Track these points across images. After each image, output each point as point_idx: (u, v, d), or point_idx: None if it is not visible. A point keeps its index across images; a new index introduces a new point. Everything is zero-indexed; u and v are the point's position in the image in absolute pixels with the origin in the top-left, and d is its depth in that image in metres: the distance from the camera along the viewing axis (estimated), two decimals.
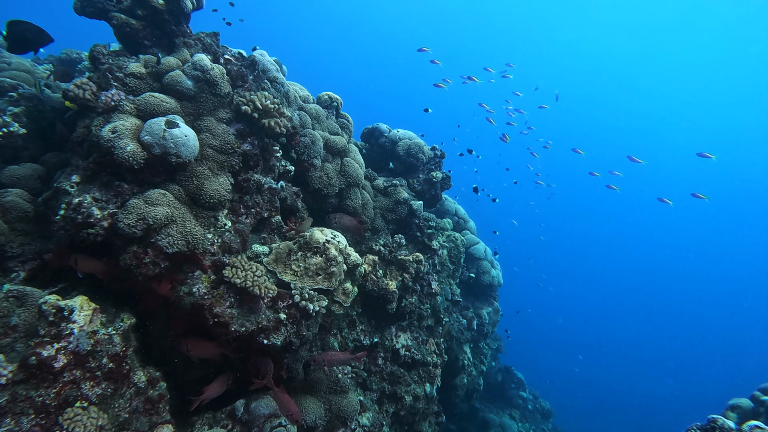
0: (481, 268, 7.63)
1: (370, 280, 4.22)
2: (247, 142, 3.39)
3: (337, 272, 3.58)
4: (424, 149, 5.21)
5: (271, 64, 4.00)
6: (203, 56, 3.14)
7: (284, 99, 4.04)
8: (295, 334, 3.29)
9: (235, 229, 3.32)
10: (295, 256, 3.52)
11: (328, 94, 4.66)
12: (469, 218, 8.22)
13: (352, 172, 4.40)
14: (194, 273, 2.98)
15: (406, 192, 4.96)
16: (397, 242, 4.51)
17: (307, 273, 3.49)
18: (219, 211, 3.22)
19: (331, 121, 4.57)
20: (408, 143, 5.17)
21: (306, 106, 4.40)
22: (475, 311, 7.77)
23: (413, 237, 4.92)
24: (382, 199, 4.79)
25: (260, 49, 4.03)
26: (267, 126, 3.36)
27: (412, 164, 5.16)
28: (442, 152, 5.41)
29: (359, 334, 4.37)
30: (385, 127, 5.46)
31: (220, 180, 3.16)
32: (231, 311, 3.00)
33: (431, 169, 5.30)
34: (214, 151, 3.18)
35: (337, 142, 4.37)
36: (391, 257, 4.44)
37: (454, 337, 6.07)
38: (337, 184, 4.33)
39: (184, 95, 3.12)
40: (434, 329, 5.28)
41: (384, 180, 4.93)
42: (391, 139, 5.31)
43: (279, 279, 3.45)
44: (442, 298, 5.30)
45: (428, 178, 5.19)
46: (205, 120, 3.19)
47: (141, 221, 2.61)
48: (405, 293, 4.54)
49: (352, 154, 4.57)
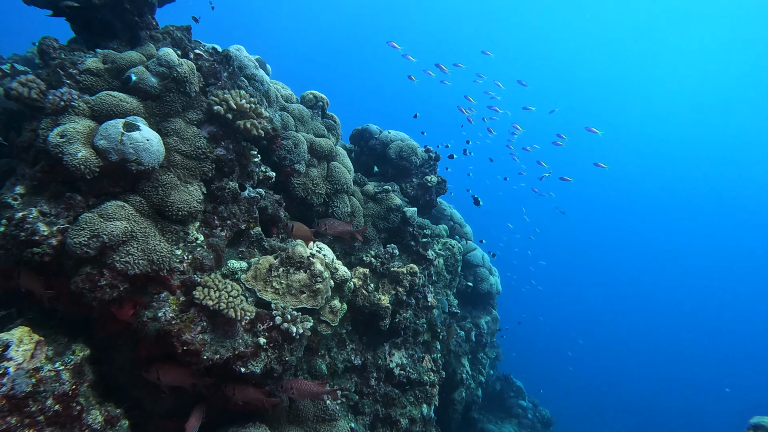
0: (478, 275, 7.38)
1: (360, 295, 3.94)
2: (220, 147, 3.11)
3: (324, 289, 3.30)
4: (418, 151, 4.95)
5: (249, 60, 3.71)
6: (169, 50, 2.85)
7: (264, 98, 3.75)
8: (277, 360, 3.01)
9: (208, 243, 3.03)
10: (276, 273, 3.23)
11: (313, 93, 4.39)
12: (465, 223, 7.98)
13: (340, 178, 4.13)
14: (160, 295, 2.69)
15: (399, 198, 4.69)
16: (389, 253, 4.24)
17: (290, 291, 3.21)
18: (189, 224, 2.93)
19: (316, 123, 4.29)
20: (400, 145, 4.90)
21: (289, 106, 4.12)
22: (473, 321, 7.51)
23: (407, 246, 4.65)
24: (372, 206, 4.51)
25: (237, 45, 3.75)
26: (243, 128, 3.08)
27: (405, 168, 4.90)
28: (436, 154, 5.15)
29: (350, 353, 4.09)
30: (376, 129, 5.19)
31: (190, 189, 2.87)
32: (203, 337, 2.70)
33: (425, 172, 5.04)
34: (183, 157, 2.89)
35: (323, 145, 4.09)
36: (383, 269, 4.16)
37: (452, 351, 5.80)
38: (323, 190, 4.05)
39: (148, 94, 2.83)
40: (431, 345, 5.01)
41: (375, 185, 4.66)
42: (381, 141, 5.04)
43: (258, 298, 3.16)
44: (438, 311, 5.04)
45: (422, 182, 4.92)
46: (172, 122, 2.90)
47: (94, 239, 2.31)
48: (399, 308, 4.26)
49: (339, 158, 4.29)
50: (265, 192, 3.78)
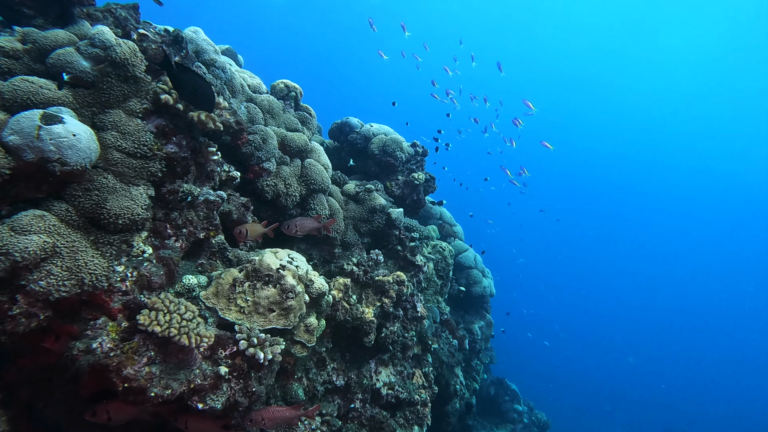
0: (471, 277, 7.05)
1: (341, 309, 3.56)
2: (172, 143, 2.70)
3: (296, 306, 2.92)
4: (403, 146, 4.58)
5: (208, 44, 3.30)
6: (104, 28, 2.44)
7: (225, 88, 3.35)
8: (242, 392, 2.62)
9: (157, 257, 2.62)
10: (241, 288, 2.84)
11: (285, 82, 3.99)
12: (455, 222, 7.64)
13: (316, 176, 3.74)
14: (96, 321, 2.28)
15: (383, 197, 4.32)
16: (373, 260, 3.87)
17: (257, 309, 2.82)
18: (134, 235, 2.52)
19: (288, 115, 3.89)
20: (383, 139, 4.53)
21: (257, 97, 3.72)
22: (466, 327, 7.19)
23: (393, 251, 4.28)
24: (354, 207, 4.13)
25: (194, 27, 3.33)
26: (197, 121, 2.68)
27: (389, 164, 4.53)
28: (424, 149, 4.79)
29: (331, 373, 3.71)
30: (357, 122, 4.80)
31: (133, 193, 2.46)
32: (149, 370, 2.30)
33: (412, 169, 4.67)
34: (125, 155, 2.48)
35: (296, 140, 3.70)
36: (366, 279, 3.79)
37: (445, 363, 5.46)
38: (297, 191, 3.66)
39: (79, 81, 2.41)
40: (421, 358, 4.66)
41: (356, 184, 4.28)
42: (363, 136, 4.66)
43: (221, 318, 2.77)
44: (429, 321, 4.69)
45: (409, 180, 4.55)
46: (110, 114, 2.49)
47: (3, 257, 1.90)
48: (385, 321, 3.90)
49: (315, 154, 3.90)
50: (230, 194, 3.38)
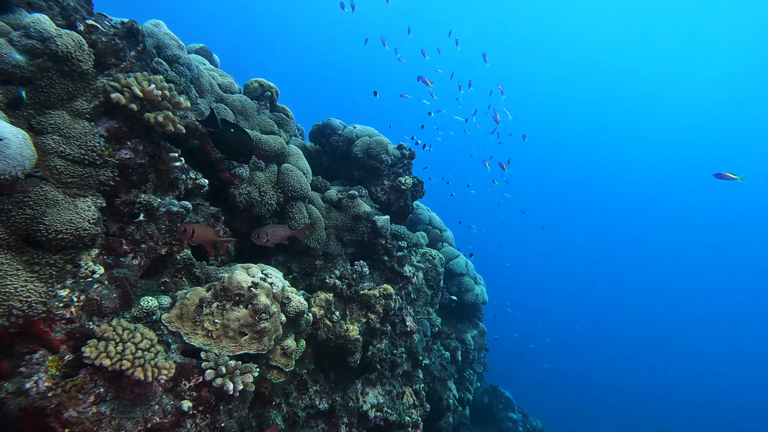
0: (462, 285, 6.81)
1: (322, 327, 3.29)
2: (126, 148, 2.41)
3: (271, 328, 2.64)
4: (389, 148, 4.32)
5: (171, 39, 3.02)
6: (42, 17, 2.15)
7: (192, 86, 3.07)
8: (210, 428, 2.34)
9: (111, 277, 2.33)
10: (208, 309, 2.56)
11: (259, 81, 3.72)
12: (445, 227, 7.41)
13: (294, 183, 3.47)
14: (33, 355, 1.98)
15: (368, 204, 4.06)
16: (357, 272, 3.60)
17: (227, 333, 2.53)
18: (81, 253, 2.22)
19: (263, 117, 3.62)
20: (367, 142, 4.27)
21: (228, 97, 3.44)
22: (459, 336, 6.94)
23: (380, 262, 4.02)
24: (336, 215, 3.87)
25: (155, 20, 3.05)
26: (154, 122, 2.39)
27: (374, 168, 4.27)
28: (411, 151, 4.54)
29: (313, 397, 3.43)
30: (338, 123, 4.54)
31: (79, 206, 2.17)
32: (97, 410, 2.01)
33: (398, 173, 4.42)
34: (69, 162, 2.19)
35: (271, 144, 3.43)
36: (350, 293, 3.52)
37: (437, 377, 5.20)
38: (273, 199, 3.39)
39: (12, 77, 2.11)
40: (412, 375, 4.39)
41: (338, 190, 4.01)
42: (346, 138, 4.40)
43: (186, 344, 2.48)
44: (419, 335, 4.43)
45: (395, 185, 4.30)
46: (52, 115, 2.20)
47: None
48: (372, 338, 3.63)
49: (293, 159, 3.63)
50: (197, 204, 3.10)
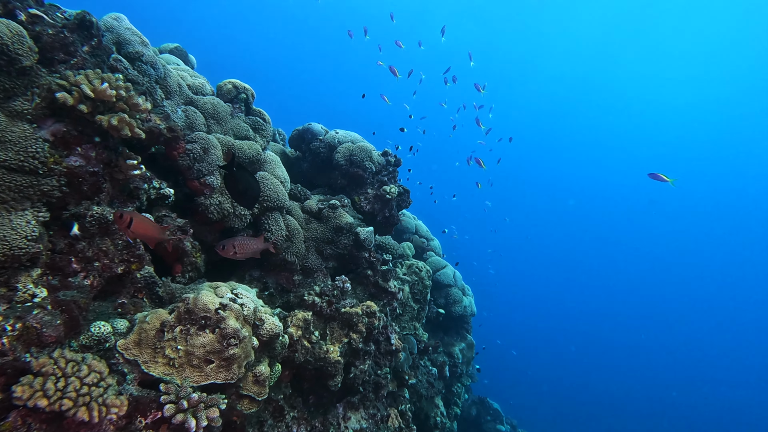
0: (450, 296, 6.61)
1: (300, 349, 3.04)
2: (75, 154, 2.16)
3: (241, 354, 2.39)
4: (373, 155, 4.11)
5: (133, 34, 2.77)
6: None
7: (157, 87, 2.82)
8: None
9: (55, 301, 2.06)
10: (171, 335, 2.30)
11: (233, 82, 3.48)
12: (432, 236, 7.21)
13: (270, 192, 3.23)
14: None
15: (351, 214, 3.84)
16: (339, 288, 3.37)
17: (191, 361, 2.28)
18: (18, 274, 1.96)
19: (237, 121, 3.38)
20: (350, 148, 4.05)
21: (198, 99, 3.20)
22: (446, 350, 6.73)
23: (363, 276, 3.79)
24: (316, 226, 3.63)
25: (116, 13, 2.80)
26: (107, 126, 2.14)
27: (357, 176, 4.05)
28: (396, 158, 4.33)
29: (291, 424, 3.17)
30: (320, 128, 4.31)
31: (15, 220, 1.91)
32: None
33: (383, 181, 4.21)
34: (4, 171, 1.92)
35: (245, 150, 3.19)
36: (331, 311, 3.29)
37: (423, 395, 4.98)
38: (247, 211, 3.14)
39: None
40: (397, 395, 4.17)
41: (319, 199, 3.78)
42: (327, 144, 4.17)
43: (144, 374, 2.22)
44: (406, 353, 4.20)
45: (380, 193, 4.08)
46: None
47: None
48: (354, 359, 3.40)
49: (269, 166, 3.40)
50: (163, 216, 2.84)
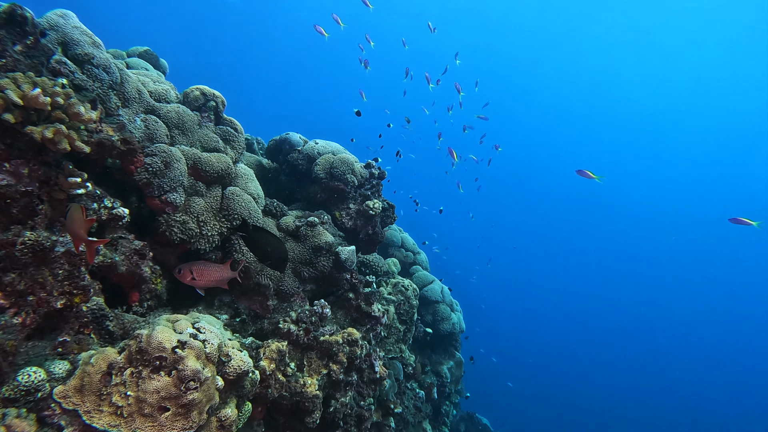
0: (438, 314, 6.36)
1: (274, 384, 2.75)
2: (3, 172, 1.86)
3: (202, 398, 2.10)
4: (355, 168, 3.85)
5: (82, 33, 2.48)
6: None
7: (109, 93, 2.53)
8: None
9: None
10: (119, 378, 2.00)
11: (201, 88, 3.20)
12: (419, 249, 6.96)
13: (241, 209, 2.95)
14: None
15: (331, 232, 3.57)
16: (317, 313, 3.09)
17: (142, 410, 1.98)
18: None
19: (205, 131, 3.10)
20: (330, 160, 3.79)
21: (161, 108, 2.91)
22: (434, 369, 6.47)
23: (344, 299, 3.52)
24: (293, 245, 3.35)
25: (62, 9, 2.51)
26: (41, 138, 1.85)
27: (339, 190, 3.78)
28: (381, 171, 4.08)
29: None
30: (298, 138, 4.04)
31: None
32: None
33: (366, 195, 3.95)
34: None
35: (213, 163, 2.91)
36: (308, 340, 3.00)
37: (410, 422, 4.70)
38: (215, 230, 2.86)
39: None
40: (382, 425, 3.88)
41: (296, 216, 3.51)
42: (306, 155, 3.90)
43: (85, 426, 1.92)
44: (391, 380, 3.93)
45: (362, 209, 3.82)
46: None
47: None
48: (334, 391, 3.11)
49: (240, 181, 3.12)
50: (118, 238, 2.54)
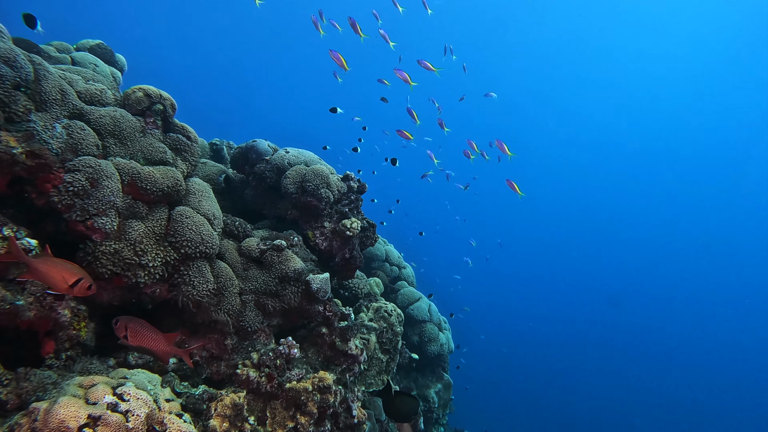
0: (425, 334, 5.94)
1: None
2: None
3: None
4: (331, 181, 3.40)
5: None
6: None
7: (15, 94, 2.05)
8: None
9: None
10: None
11: (145, 89, 2.73)
12: (405, 263, 6.53)
13: (192, 234, 2.49)
14: None
15: (302, 254, 3.12)
16: (283, 355, 2.64)
17: None
18: None
19: (150, 139, 2.63)
20: (302, 172, 3.33)
21: (92, 111, 2.44)
22: (420, 393, 6.05)
23: (317, 335, 3.07)
24: (257, 273, 2.90)
25: None
26: None
27: (311, 206, 3.33)
28: (360, 184, 3.64)
29: None
30: (266, 146, 3.57)
31: None
32: None
33: (343, 212, 3.50)
34: None
35: (156, 180, 2.45)
36: (272, 387, 2.55)
37: None
38: (158, 260, 2.39)
39: None
40: None
41: (262, 237, 3.05)
42: (275, 166, 3.43)
43: None
44: (371, 422, 3.49)
45: (339, 228, 3.38)
46: None
47: None
48: None
49: (193, 199, 2.66)
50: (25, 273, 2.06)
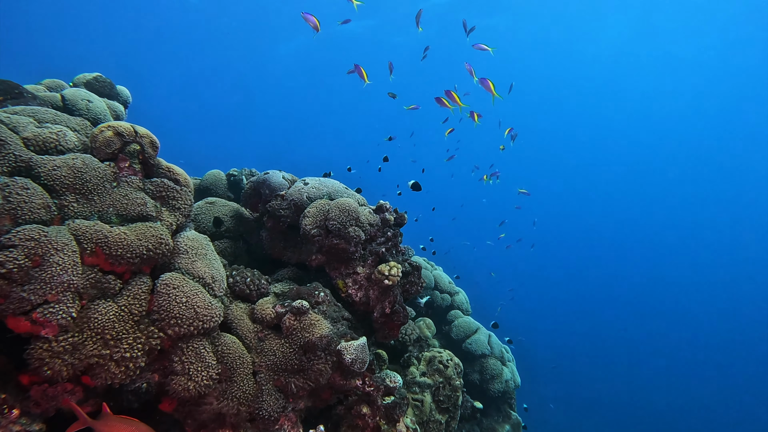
0: (486, 370, 5.18)
1: None
2: None
3: None
4: (361, 215, 2.76)
5: None
6: None
7: None
8: None
9: None
10: None
11: (117, 128, 2.18)
12: (457, 288, 5.80)
13: (182, 310, 1.92)
14: None
15: (330, 315, 2.49)
16: None
17: None
18: None
19: (124, 190, 2.09)
20: (324, 209, 2.72)
21: (43, 163, 1.93)
22: None
23: (356, 416, 2.44)
24: (274, 344, 2.30)
25: None
26: None
27: (339, 250, 2.71)
28: (398, 215, 2.99)
29: None
30: (280, 179, 2.98)
31: None
32: None
33: (379, 253, 2.84)
34: None
35: (130, 243, 1.89)
36: None
37: None
38: (138, 349, 1.83)
39: None
40: None
41: (280, 293, 2.46)
42: (292, 202, 2.84)
43: None
44: None
45: (375, 277, 2.73)
46: None
47: None
48: None
49: (184, 259, 2.09)
50: None
